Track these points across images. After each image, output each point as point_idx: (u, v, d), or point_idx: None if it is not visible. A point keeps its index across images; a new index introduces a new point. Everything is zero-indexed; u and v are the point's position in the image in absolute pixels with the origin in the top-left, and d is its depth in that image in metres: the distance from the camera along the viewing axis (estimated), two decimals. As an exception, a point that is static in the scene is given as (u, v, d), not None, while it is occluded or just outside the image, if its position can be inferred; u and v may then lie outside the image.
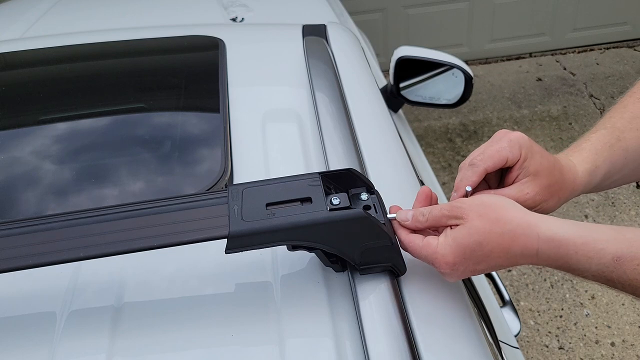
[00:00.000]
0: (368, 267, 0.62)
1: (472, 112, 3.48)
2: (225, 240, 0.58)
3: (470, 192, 0.65)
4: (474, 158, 0.65)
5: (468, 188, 0.64)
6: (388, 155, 0.89)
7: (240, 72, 1.08)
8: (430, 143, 3.28)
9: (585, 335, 2.18)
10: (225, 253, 0.59)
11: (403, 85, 1.52)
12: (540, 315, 2.27)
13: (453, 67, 1.46)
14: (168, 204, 0.61)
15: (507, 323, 1.25)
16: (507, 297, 1.37)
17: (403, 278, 0.65)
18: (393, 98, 1.54)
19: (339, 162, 0.79)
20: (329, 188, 0.64)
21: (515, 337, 1.24)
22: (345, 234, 0.60)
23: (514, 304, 1.57)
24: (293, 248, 0.63)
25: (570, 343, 2.16)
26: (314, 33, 1.19)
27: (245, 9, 1.77)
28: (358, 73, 1.09)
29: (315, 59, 1.06)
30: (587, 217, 2.67)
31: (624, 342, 2.14)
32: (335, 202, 0.61)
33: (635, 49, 3.95)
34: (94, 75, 1.16)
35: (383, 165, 0.85)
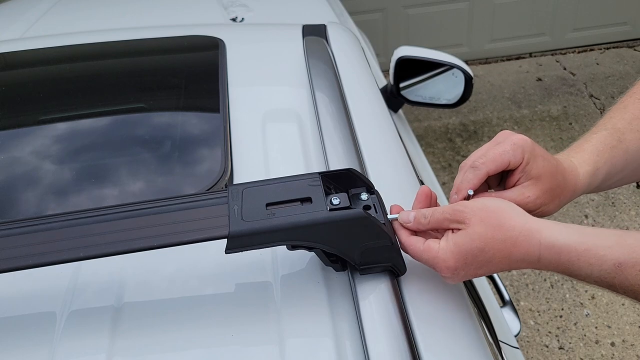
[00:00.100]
0: (368, 267, 0.62)
1: (472, 112, 3.49)
2: (225, 240, 0.59)
3: (472, 194, 0.65)
4: (476, 160, 0.65)
5: (470, 192, 0.64)
6: (388, 155, 0.88)
7: (240, 72, 1.08)
8: (430, 143, 3.28)
9: (585, 335, 2.18)
10: (225, 253, 0.59)
11: (403, 85, 1.52)
12: (540, 315, 2.27)
13: (453, 67, 1.46)
14: (168, 204, 0.61)
15: (507, 323, 1.25)
16: (507, 297, 1.37)
17: (403, 278, 0.65)
18: (393, 98, 1.54)
19: (339, 162, 0.79)
20: (329, 188, 0.64)
21: (515, 337, 1.24)
22: (345, 234, 0.60)
23: (514, 304, 1.57)
24: (293, 248, 0.63)
25: (570, 343, 2.16)
26: (314, 33, 1.19)
27: (245, 9, 1.77)
28: (358, 73, 1.09)
29: (315, 59, 1.06)
30: (587, 217, 2.67)
31: (624, 342, 2.14)
32: (335, 202, 0.61)
33: (635, 49, 3.95)
34: (94, 76, 1.16)
35: (383, 165, 0.85)
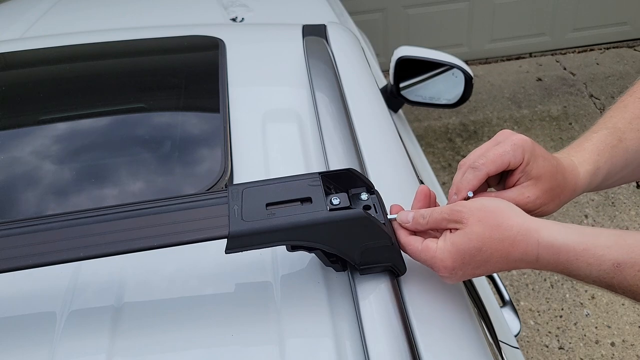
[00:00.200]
0: (368, 267, 0.62)
1: (472, 112, 3.49)
2: (225, 240, 0.59)
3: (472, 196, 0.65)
4: (476, 161, 0.64)
5: (470, 194, 0.64)
6: (388, 155, 0.88)
7: (240, 72, 1.08)
8: (430, 143, 3.28)
9: (585, 335, 2.18)
10: (225, 253, 0.59)
11: (403, 85, 1.52)
12: (540, 315, 2.27)
13: (453, 67, 1.46)
14: (168, 204, 0.61)
15: (507, 323, 1.25)
16: (507, 297, 1.37)
17: (403, 278, 0.65)
18: (393, 98, 1.54)
19: (339, 162, 0.79)
20: (329, 188, 0.64)
21: (515, 337, 1.24)
22: (345, 234, 0.60)
23: (514, 304, 1.57)
24: (292, 249, 0.63)
25: (570, 343, 2.16)
26: (314, 33, 1.19)
27: (245, 9, 1.77)
28: (358, 73, 1.09)
29: (315, 59, 1.06)
30: (587, 217, 2.67)
31: (624, 342, 2.14)
32: (335, 202, 0.61)
33: (635, 49, 3.95)
34: (94, 76, 1.16)
35: (383, 165, 0.85)
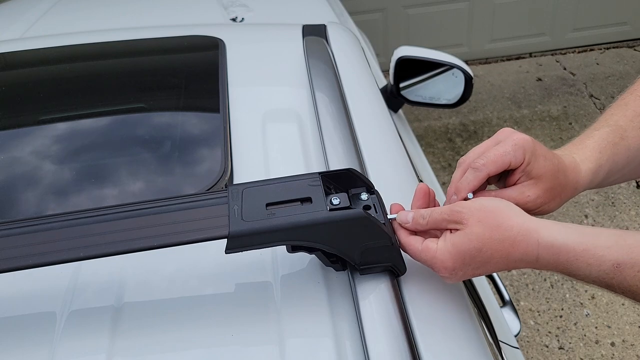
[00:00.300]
0: (368, 267, 0.62)
1: (472, 112, 3.48)
2: (225, 240, 0.59)
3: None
4: (477, 161, 0.64)
5: (470, 195, 0.64)
6: (388, 155, 0.88)
7: (240, 72, 1.08)
8: (430, 143, 3.28)
9: (585, 335, 2.18)
10: (225, 253, 0.59)
11: (403, 85, 1.52)
12: (540, 315, 2.27)
13: (453, 67, 1.46)
14: (168, 204, 0.61)
15: (507, 323, 1.25)
16: (507, 297, 1.37)
17: (403, 278, 0.65)
18: (393, 98, 1.54)
19: (339, 162, 0.79)
20: (329, 188, 0.64)
21: (515, 337, 1.24)
22: (345, 234, 0.60)
23: (514, 304, 1.57)
24: (292, 250, 0.63)
25: (570, 343, 2.16)
26: (314, 33, 1.19)
27: (245, 9, 1.77)
28: (358, 73, 1.09)
29: (315, 59, 1.06)
30: (587, 217, 2.67)
31: (624, 342, 2.14)
32: (335, 202, 0.61)
33: (635, 49, 3.95)
34: (94, 76, 1.16)
35: (383, 165, 0.85)
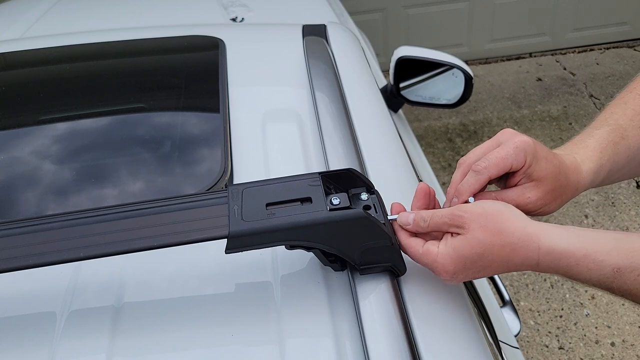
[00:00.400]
0: (368, 267, 0.62)
1: (472, 112, 3.49)
2: (225, 240, 0.59)
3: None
4: (478, 164, 0.64)
5: (471, 199, 0.64)
6: (388, 155, 0.88)
7: (240, 72, 1.08)
8: (430, 143, 3.28)
9: (585, 335, 2.18)
10: (225, 253, 0.59)
11: (403, 85, 1.52)
12: (540, 315, 2.27)
13: (453, 67, 1.46)
14: (168, 204, 0.61)
15: (507, 323, 1.25)
16: (507, 297, 1.37)
17: (403, 278, 0.65)
18: (393, 98, 1.54)
19: (339, 162, 0.79)
20: (329, 188, 0.64)
21: (515, 337, 1.24)
22: (345, 234, 0.60)
23: (514, 304, 1.57)
24: (291, 247, 0.63)
25: (570, 343, 2.16)
26: (314, 33, 1.19)
27: (245, 9, 1.77)
28: (358, 73, 1.09)
29: (315, 59, 1.06)
30: (587, 217, 2.67)
31: (624, 342, 2.14)
32: (335, 202, 0.61)
33: (635, 49, 3.95)
34: (94, 76, 1.16)
35: (383, 165, 0.85)
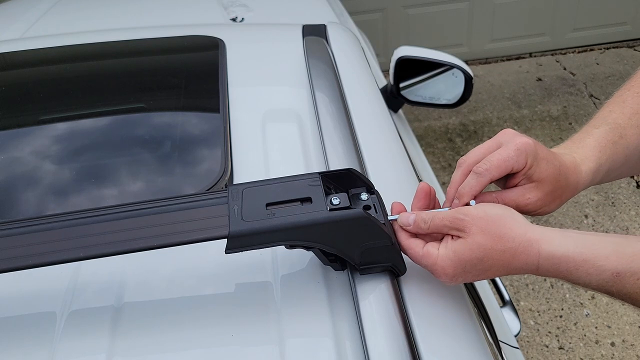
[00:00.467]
0: (368, 267, 0.62)
1: (472, 112, 3.49)
2: (225, 240, 0.59)
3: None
4: (479, 166, 0.64)
5: (472, 202, 0.64)
6: (388, 155, 0.88)
7: (240, 72, 1.08)
8: (430, 143, 3.28)
9: (585, 335, 2.18)
10: (225, 253, 0.59)
11: (403, 85, 1.52)
12: (540, 315, 2.27)
13: (453, 67, 1.46)
14: (168, 204, 0.61)
15: (507, 323, 1.25)
16: (507, 297, 1.37)
17: (403, 278, 0.65)
18: (393, 98, 1.54)
19: (339, 162, 0.79)
20: (329, 188, 0.64)
21: (515, 337, 1.24)
22: (345, 234, 0.60)
23: (514, 304, 1.57)
24: (291, 246, 0.63)
25: (570, 343, 2.16)
26: (314, 33, 1.19)
27: (245, 9, 1.77)
28: (358, 73, 1.09)
29: (315, 59, 1.06)
30: (587, 217, 2.67)
31: (624, 342, 2.14)
32: (335, 202, 0.61)
33: (635, 49, 3.95)
34: (94, 76, 1.16)
35: (383, 165, 0.85)
